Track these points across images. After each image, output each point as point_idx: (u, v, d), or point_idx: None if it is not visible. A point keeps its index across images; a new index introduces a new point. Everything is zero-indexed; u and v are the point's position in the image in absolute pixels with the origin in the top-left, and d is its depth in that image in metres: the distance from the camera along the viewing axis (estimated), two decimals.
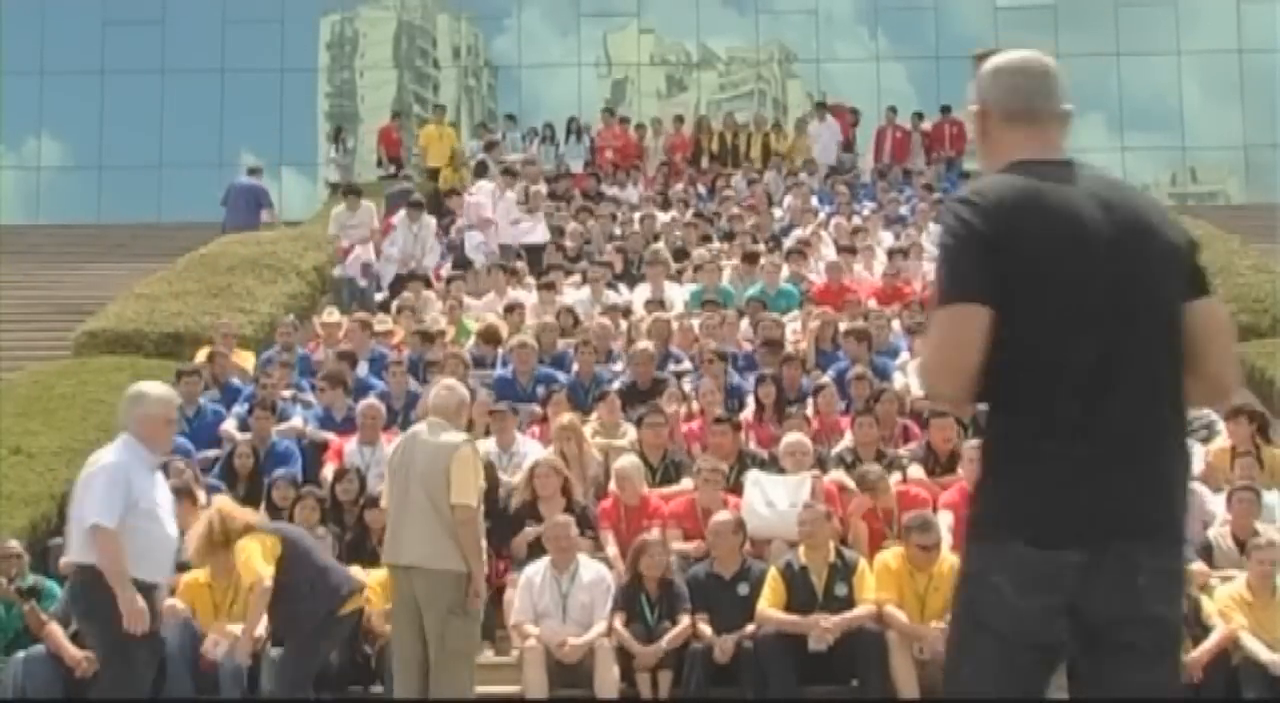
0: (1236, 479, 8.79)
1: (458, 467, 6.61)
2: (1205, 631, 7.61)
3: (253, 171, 19.49)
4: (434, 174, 20.77)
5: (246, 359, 12.22)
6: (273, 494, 9.23)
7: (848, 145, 21.66)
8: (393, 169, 21.51)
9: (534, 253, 15.89)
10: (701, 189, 19.98)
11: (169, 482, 6.93)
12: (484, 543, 6.92)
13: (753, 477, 8.84)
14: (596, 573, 8.13)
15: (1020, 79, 3.13)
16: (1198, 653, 7.47)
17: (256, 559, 6.89)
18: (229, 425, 10.47)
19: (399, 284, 15.08)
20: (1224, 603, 7.66)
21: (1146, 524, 2.92)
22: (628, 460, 9.09)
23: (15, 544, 8.29)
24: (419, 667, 6.73)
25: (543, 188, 18.55)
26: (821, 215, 17.36)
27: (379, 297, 15.27)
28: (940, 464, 9.26)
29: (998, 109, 3.14)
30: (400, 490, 6.77)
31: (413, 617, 6.71)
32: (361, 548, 8.43)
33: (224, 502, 7.39)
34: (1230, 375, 3.13)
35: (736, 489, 8.89)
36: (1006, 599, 2.90)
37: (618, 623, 7.91)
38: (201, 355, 12.04)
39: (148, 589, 6.05)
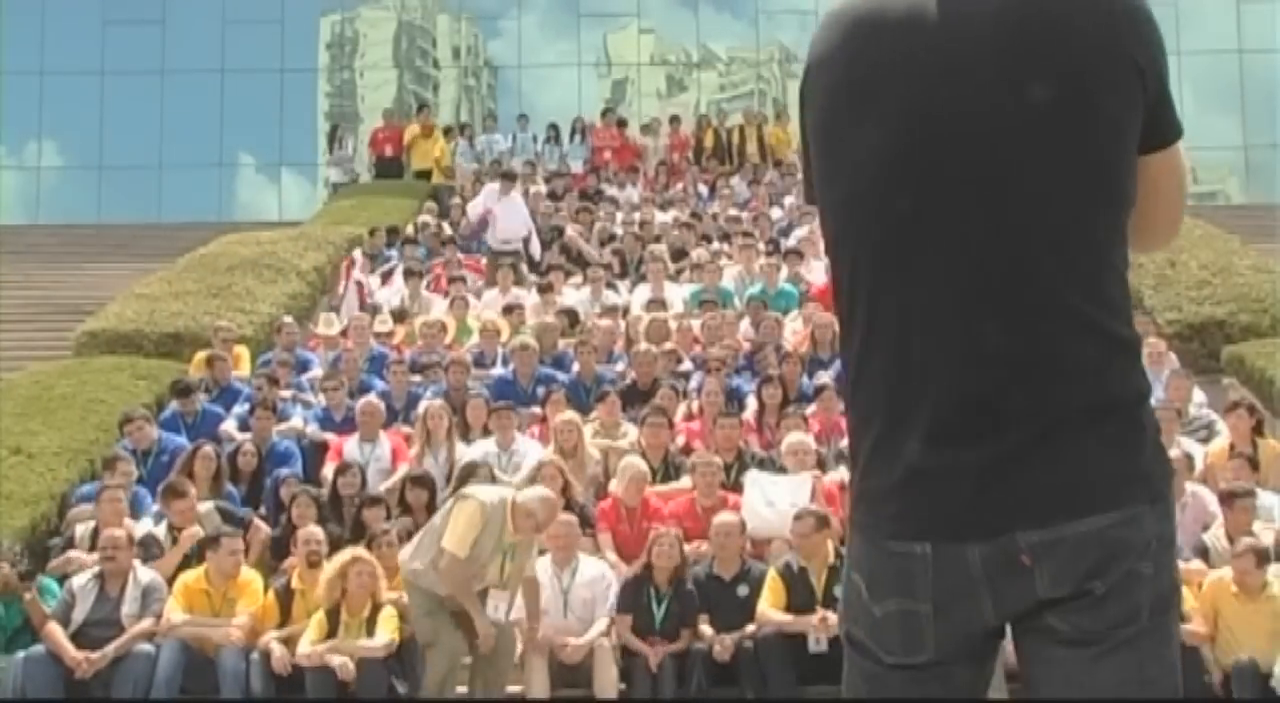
0: (1230, 479, 8.78)
1: (455, 515, 7.37)
2: None
3: None
4: (422, 176, 20.78)
5: (242, 356, 12.23)
6: (280, 492, 9.34)
7: None
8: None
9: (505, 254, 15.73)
10: (702, 189, 19.97)
11: None
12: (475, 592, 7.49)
13: (752, 477, 8.83)
14: (597, 570, 8.15)
15: None
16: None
17: None
18: (229, 425, 10.48)
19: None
20: (1211, 593, 7.73)
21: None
22: (633, 461, 9.08)
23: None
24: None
25: (542, 188, 18.54)
26: None
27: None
28: None
29: None
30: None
31: None
32: (357, 545, 8.43)
33: None
34: (1169, 233, 2.15)
35: (736, 488, 8.89)
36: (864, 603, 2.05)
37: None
38: (198, 360, 12.00)
39: None
